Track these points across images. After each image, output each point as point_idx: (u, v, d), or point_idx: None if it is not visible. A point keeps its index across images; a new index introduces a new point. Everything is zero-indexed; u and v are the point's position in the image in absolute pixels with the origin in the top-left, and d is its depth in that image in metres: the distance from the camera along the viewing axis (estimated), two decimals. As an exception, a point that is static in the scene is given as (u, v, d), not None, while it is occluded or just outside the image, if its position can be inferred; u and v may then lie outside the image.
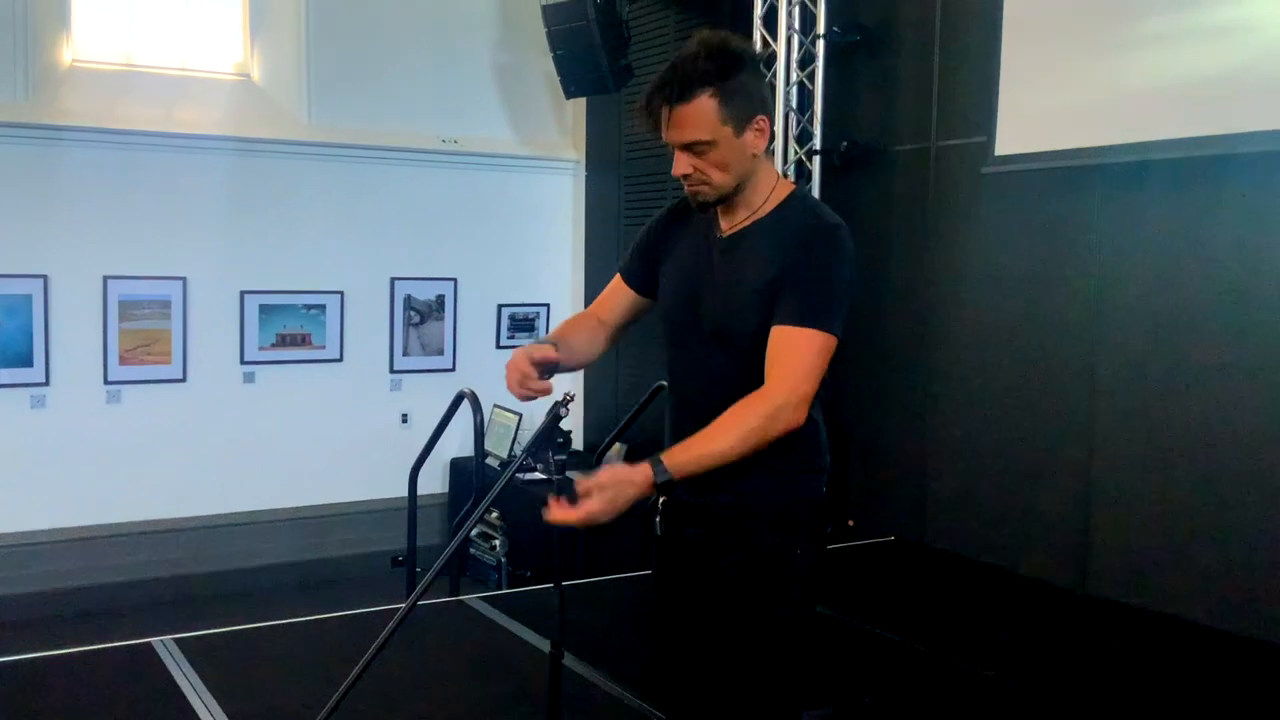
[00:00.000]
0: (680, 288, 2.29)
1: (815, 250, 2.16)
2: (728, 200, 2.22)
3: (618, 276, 2.44)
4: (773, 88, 5.50)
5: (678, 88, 2.10)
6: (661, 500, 2.32)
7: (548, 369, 2.21)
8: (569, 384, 2.21)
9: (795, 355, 2.10)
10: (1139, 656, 3.93)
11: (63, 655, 3.81)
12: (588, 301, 7.08)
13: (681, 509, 2.31)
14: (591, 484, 2.02)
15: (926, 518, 5.07)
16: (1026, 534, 4.61)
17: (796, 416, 2.10)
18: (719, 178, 2.16)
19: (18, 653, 3.86)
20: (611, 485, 2.02)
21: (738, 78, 2.11)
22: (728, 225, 2.26)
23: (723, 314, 2.22)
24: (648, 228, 2.42)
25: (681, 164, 2.17)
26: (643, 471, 2.04)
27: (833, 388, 5.04)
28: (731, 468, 2.13)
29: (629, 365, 6.53)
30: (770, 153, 2.30)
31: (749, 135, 2.15)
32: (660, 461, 2.05)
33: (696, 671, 2.31)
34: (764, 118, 2.16)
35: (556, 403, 2.18)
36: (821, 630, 4.06)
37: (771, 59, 5.49)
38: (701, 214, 2.29)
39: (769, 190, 2.24)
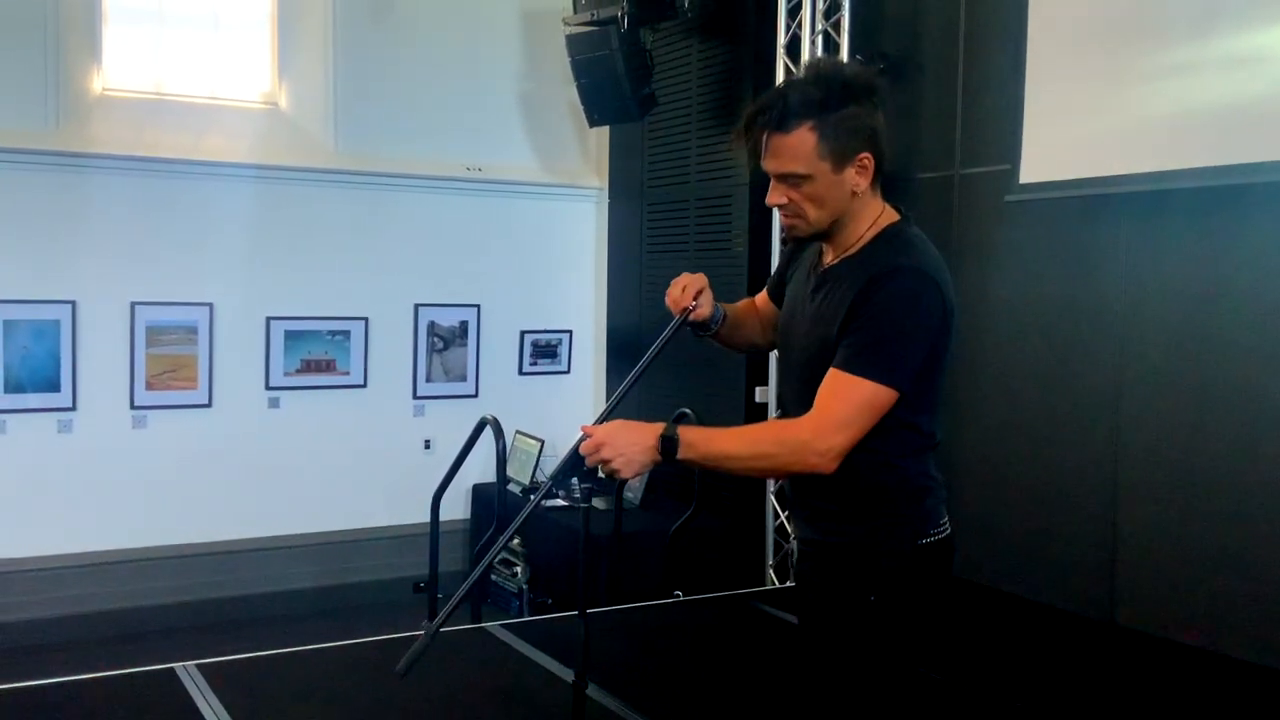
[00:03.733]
0: (784, 317, 2.28)
1: (881, 292, 2.04)
2: (825, 237, 2.15)
3: (764, 294, 2.50)
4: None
5: (778, 115, 2.01)
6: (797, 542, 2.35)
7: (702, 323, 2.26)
8: (588, 416, 2.21)
9: (835, 401, 2.02)
10: (1167, 688, 3.88)
11: (85, 680, 3.81)
12: (610, 328, 7.10)
13: (800, 544, 2.33)
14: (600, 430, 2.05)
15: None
16: (1052, 564, 4.57)
17: (820, 462, 2.01)
18: (814, 213, 2.08)
19: (41, 677, 3.87)
20: (619, 427, 2.03)
21: (843, 110, 2.03)
22: (829, 259, 2.20)
23: (805, 354, 2.18)
24: (786, 254, 2.42)
25: (776, 194, 2.09)
26: (654, 430, 2.01)
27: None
28: (819, 505, 2.14)
29: (650, 391, 6.52)
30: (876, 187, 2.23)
31: (850, 172, 2.07)
32: (676, 434, 2.00)
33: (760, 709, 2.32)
34: (868, 155, 2.08)
35: (582, 429, 2.17)
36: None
37: (794, 87, 5.50)
38: (799, 249, 2.30)
39: (867, 226, 2.15)
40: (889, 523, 2.21)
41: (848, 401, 2.02)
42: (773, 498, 5.61)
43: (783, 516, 5.57)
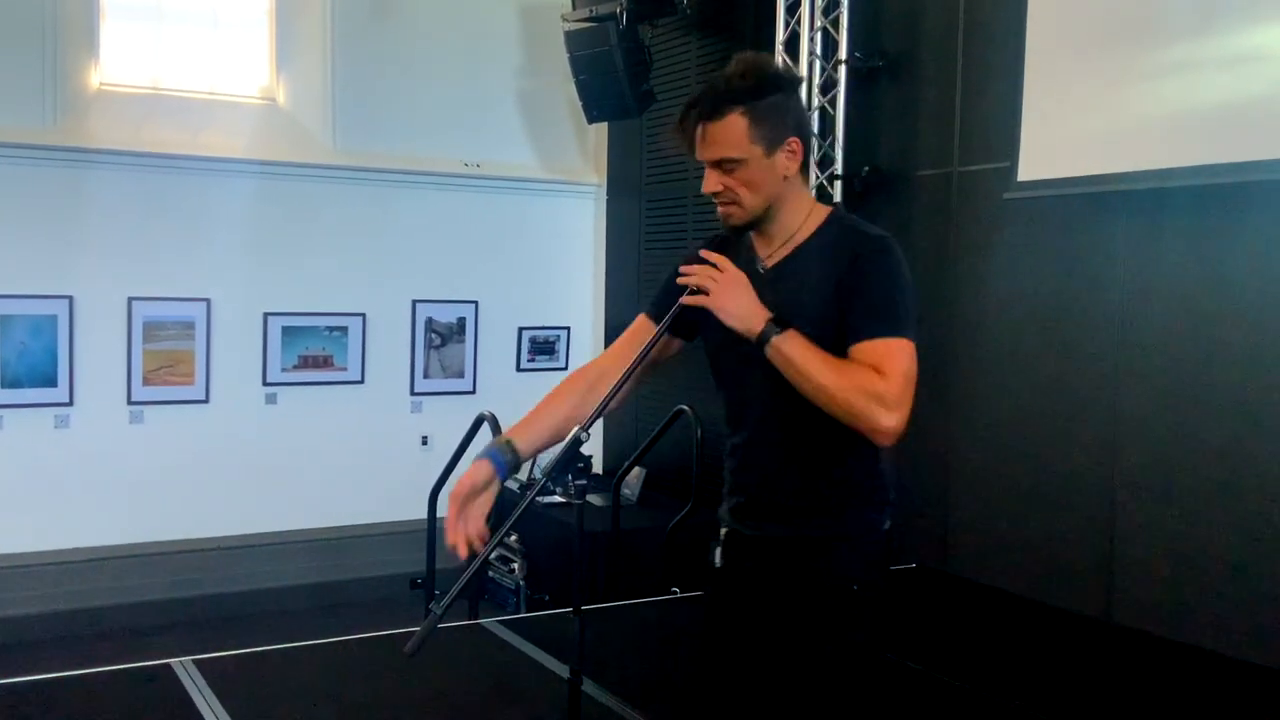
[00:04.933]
0: (720, 333, 2.15)
1: (875, 263, 2.10)
2: (759, 224, 2.18)
3: (642, 319, 2.33)
4: (794, 113, 5.51)
5: (710, 104, 2.10)
6: (724, 531, 2.30)
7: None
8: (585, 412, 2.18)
9: (895, 362, 2.02)
10: (1165, 687, 3.88)
11: (81, 675, 3.81)
12: (608, 325, 7.10)
13: (743, 541, 2.28)
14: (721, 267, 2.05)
15: (948, 546, 5.03)
16: (1050, 562, 4.56)
17: (893, 423, 2.00)
18: (748, 198, 2.12)
19: (38, 672, 3.87)
20: (737, 277, 2.04)
21: (771, 98, 2.10)
22: (768, 254, 2.21)
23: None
24: (676, 269, 2.26)
25: (712, 181, 2.14)
26: (763, 314, 2.02)
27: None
28: (792, 502, 2.15)
29: (648, 389, 6.52)
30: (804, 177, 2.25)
31: (780, 157, 2.12)
32: (778, 329, 2.01)
33: (752, 705, 2.27)
34: (797, 140, 2.12)
35: (578, 427, 2.17)
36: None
37: (793, 84, 5.50)
38: (735, 237, 2.23)
39: (805, 215, 2.19)
40: (860, 511, 2.24)
41: (904, 359, 2.03)
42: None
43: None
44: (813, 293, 2.12)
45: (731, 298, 2.03)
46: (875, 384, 1.99)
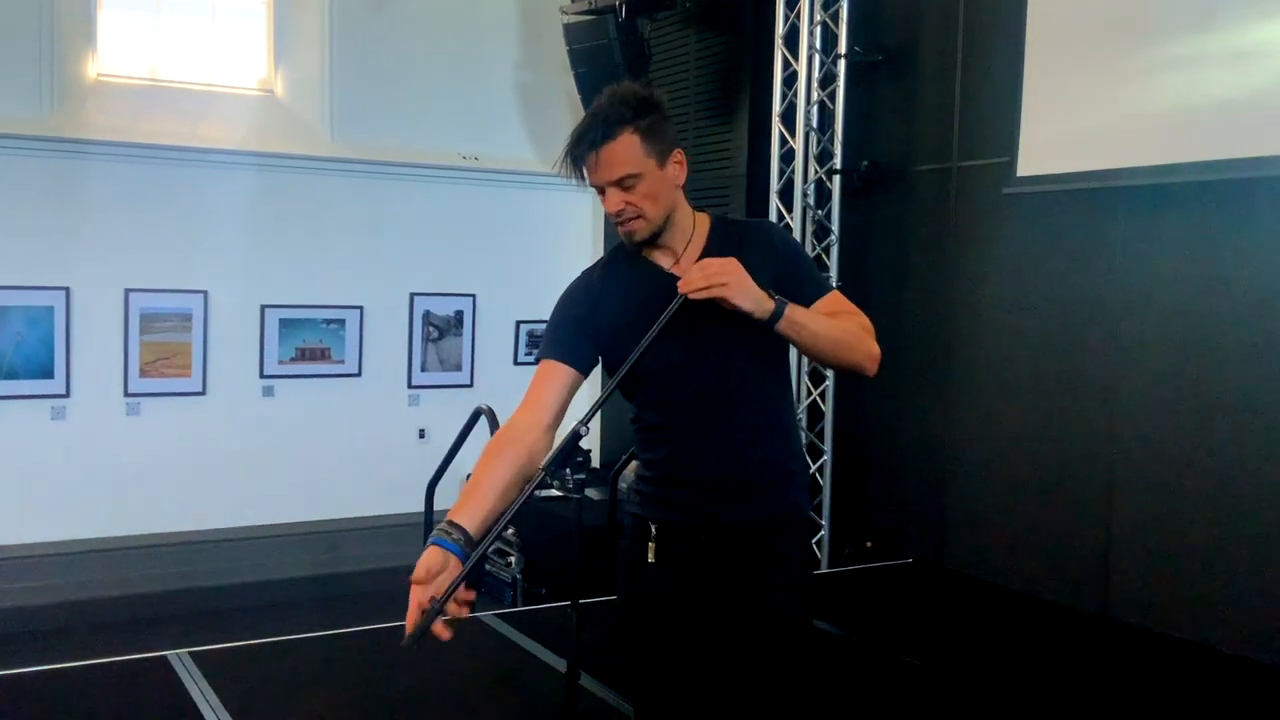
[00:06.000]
0: (662, 341, 2.16)
1: (789, 243, 2.38)
2: (660, 236, 2.28)
3: (554, 366, 2.28)
4: (793, 107, 5.51)
5: (601, 130, 2.21)
6: (655, 528, 2.29)
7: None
8: (582, 407, 2.18)
9: (847, 304, 2.28)
10: (1161, 682, 3.88)
11: (77, 667, 3.81)
12: (606, 319, 7.08)
13: (689, 532, 2.27)
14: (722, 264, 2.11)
15: (945, 540, 5.03)
16: (1046, 558, 4.57)
17: (875, 358, 2.23)
18: (651, 209, 2.23)
19: (33, 664, 3.87)
20: (736, 265, 2.10)
21: (651, 117, 2.23)
22: (672, 261, 2.29)
23: (719, 346, 2.21)
24: (570, 305, 2.34)
25: (614, 200, 2.24)
26: (766, 293, 2.11)
27: (848, 406, 5.00)
28: (750, 482, 2.22)
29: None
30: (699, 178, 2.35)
31: (670, 168, 2.25)
32: (785, 301, 2.12)
33: (722, 690, 2.27)
34: (680, 151, 2.28)
35: (577, 422, 2.16)
36: (837, 653, 4.04)
37: (793, 78, 5.49)
38: (636, 251, 2.30)
39: (693, 221, 2.34)
40: (803, 485, 2.38)
41: (850, 303, 2.28)
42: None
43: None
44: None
45: (743, 284, 2.09)
46: (857, 321, 2.24)
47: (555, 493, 5.88)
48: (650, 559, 2.29)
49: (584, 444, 2.15)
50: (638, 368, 2.14)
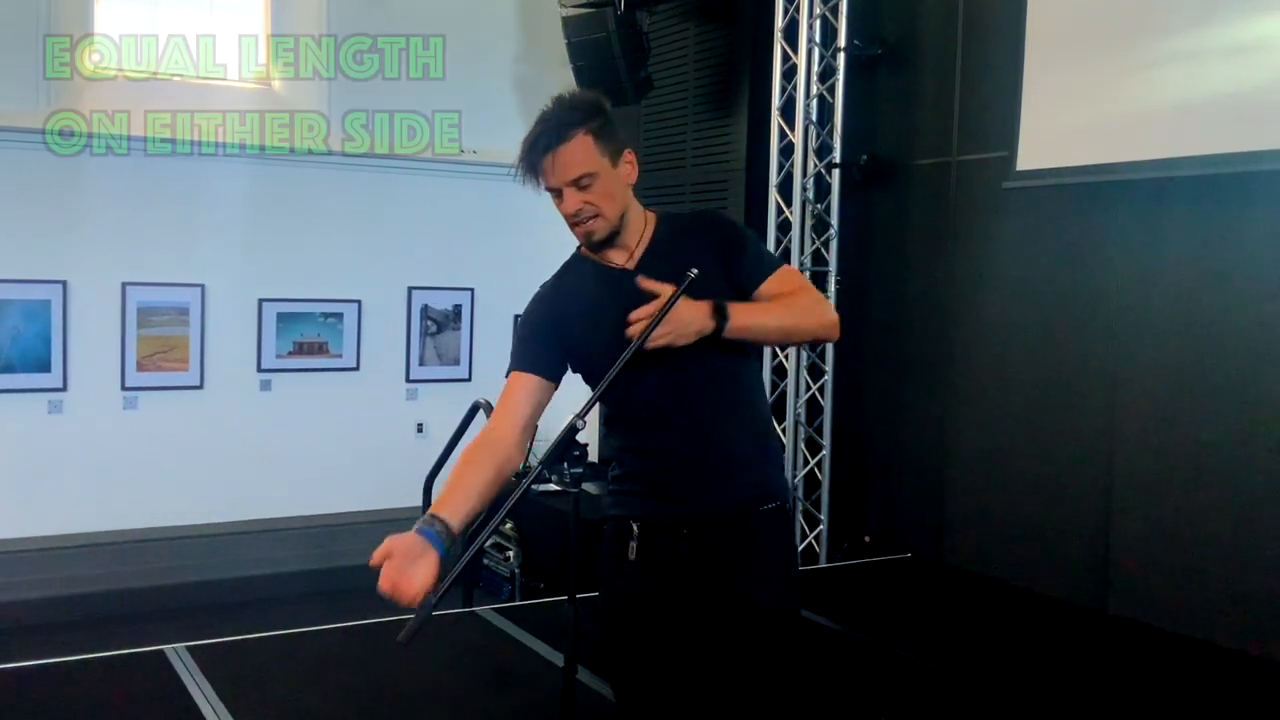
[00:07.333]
0: (606, 349, 2.19)
1: (735, 228, 2.42)
2: (617, 235, 2.32)
3: (522, 376, 2.37)
4: (793, 100, 5.49)
5: (555, 133, 2.26)
6: (637, 527, 2.28)
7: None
8: (579, 401, 2.17)
9: (795, 276, 2.35)
10: (1157, 677, 3.88)
11: (74, 661, 3.80)
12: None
13: (673, 526, 2.26)
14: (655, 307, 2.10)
15: (943, 534, 5.03)
16: (1045, 552, 4.56)
17: (835, 314, 2.29)
18: (608, 208, 2.28)
19: (30, 658, 3.86)
20: (676, 305, 2.10)
21: (600, 119, 2.28)
22: (625, 258, 2.33)
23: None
24: (535, 315, 2.43)
25: (572, 201, 2.28)
26: (704, 304, 2.13)
27: (847, 401, 4.99)
28: (723, 461, 2.24)
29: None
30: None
31: (623, 167, 2.31)
32: (726, 305, 2.15)
33: (712, 686, 2.26)
34: (631, 151, 2.33)
35: (573, 415, 2.15)
36: (836, 647, 4.04)
37: (792, 72, 5.48)
38: (594, 252, 2.35)
39: (644, 217, 2.38)
40: (777, 461, 2.40)
41: (799, 275, 2.38)
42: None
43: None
44: (690, 267, 2.20)
45: (685, 325, 2.11)
46: (806, 295, 2.29)
47: (553, 487, 5.87)
48: (632, 558, 2.28)
49: (581, 438, 2.14)
50: (619, 381, 2.14)
